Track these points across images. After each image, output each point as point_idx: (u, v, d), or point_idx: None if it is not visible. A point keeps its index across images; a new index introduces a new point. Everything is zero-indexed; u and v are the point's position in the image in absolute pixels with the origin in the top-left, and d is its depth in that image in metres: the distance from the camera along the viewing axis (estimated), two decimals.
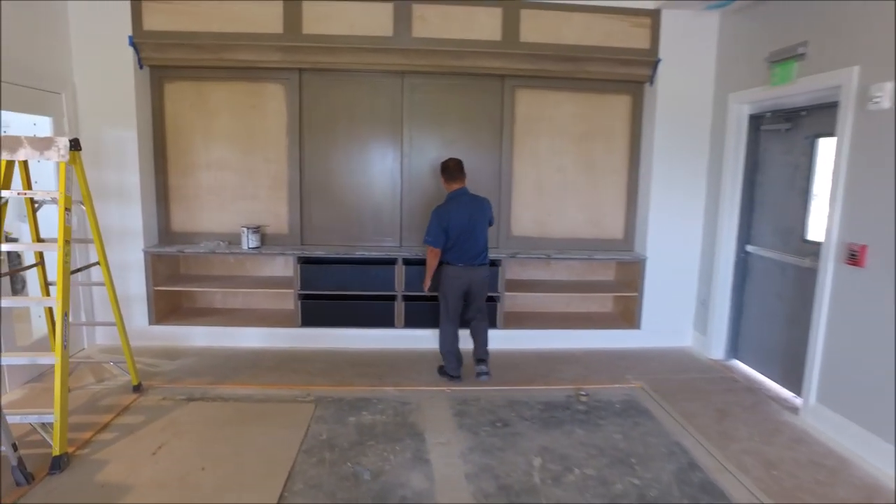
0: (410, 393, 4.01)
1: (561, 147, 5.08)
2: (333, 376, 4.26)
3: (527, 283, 5.27)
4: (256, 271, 5.26)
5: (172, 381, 4.07)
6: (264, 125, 4.87)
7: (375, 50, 4.56)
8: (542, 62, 4.70)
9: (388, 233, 5.09)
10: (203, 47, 4.50)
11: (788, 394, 4.06)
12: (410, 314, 4.87)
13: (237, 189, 4.96)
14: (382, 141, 4.96)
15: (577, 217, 5.20)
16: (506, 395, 4.03)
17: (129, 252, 4.66)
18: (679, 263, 5.05)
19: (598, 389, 4.17)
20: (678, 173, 4.91)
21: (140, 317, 4.75)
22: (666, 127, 4.84)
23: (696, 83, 4.78)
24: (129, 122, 4.52)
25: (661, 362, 4.77)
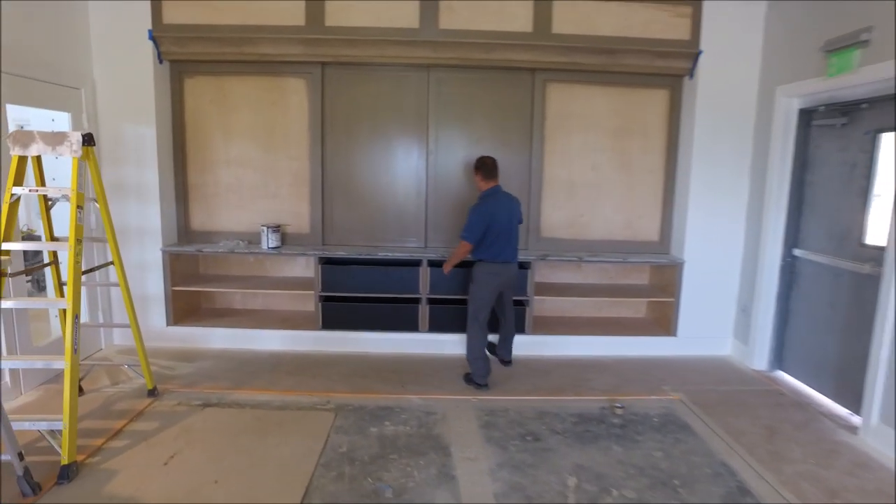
0: (435, 402, 3.81)
1: (594, 144, 4.83)
2: (354, 382, 4.08)
3: (556, 287, 5.03)
4: (276, 272, 5.11)
5: (189, 384, 3.93)
6: (286, 121, 4.72)
7: (401, 42, 4.37)
8: (575, 55, 4.46)
9: (412, 233, 4.90)
10: (223, 41, 4.36)
11: (843, 411, 3.76)
12: (435, 318, 4.68)
13: (257, 187, 4.82)
14: (407, 138, 4.78)
15: (611, 218, 4.95)
16: (535, 405, 3.81)
17: (148, 251, 4.55)
18: (718, 268, 4.77)
19: (633, 401, 3.92)
20: (719, 172, 4.63)
21: (158, 317, 4.64)
22: (706, 123, 4.56)
23: (740, 76, 4.50)
24: (148, 118, 4.40)
25: (699, 372, 4.49)
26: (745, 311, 4.69)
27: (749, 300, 4.63)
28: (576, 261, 4.71)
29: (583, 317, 5.29)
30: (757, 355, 4.54)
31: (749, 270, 4.64)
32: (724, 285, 4.81)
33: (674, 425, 3.57)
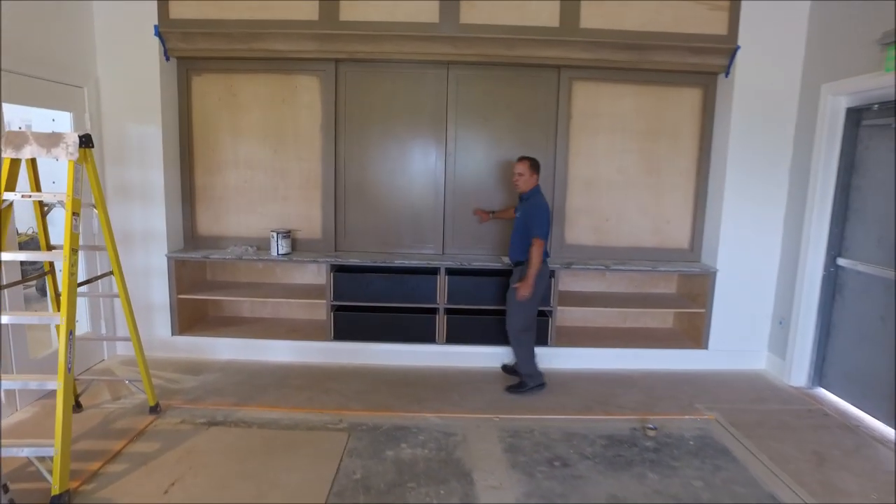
0: (454, 421, 3.57)
1: (621, 146, 4.57)
2: (368, 398, 3.85)
3: (580, 296, 4.77)
4: (287, 279, 4.90)
5: (193, 400, 3.72)
6: (297, 121, 4.50)
7: (419, 38, 4.13)
8: (603, 51, 4.20)
9: (429, 239, 4.66)
10: (232, 36, 4.15)
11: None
12: (453, 329, 4.44)
13: (267, 190, 4.60)
14: (424, 138, 4.54)
15: (638, 223, 4.68)
16: (561, 425, 3.56)
17: (152, 257, 4.35)
18: (753, 277, 4.49)
19: (665, 420, 3.66)
20: (755, 176, 4.35)
21: (163, 327, 4.44)
22: (743, 123, 4.28)
23: (781, 73, 4.21)
24: (153, 117, 4.20)
25: (732, 389, 4.22)
26: (783, 323, 4.41)
27: (787, 312, 4.34)
28: (602, 269, 4.44)
29: (607, 327, 5.02)
30: (795, 371, 4.26)
31: (787, 280, 4.36)
32: (759, 296, 4.53)
33: (711, 449, 3.31)
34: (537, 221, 3.72)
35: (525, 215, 3.83)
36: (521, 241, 3.87)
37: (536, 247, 3.69)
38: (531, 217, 3.77)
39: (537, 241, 3.69)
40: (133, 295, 4.30)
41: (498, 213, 4.47)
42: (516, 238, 3.93)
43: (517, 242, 3.92)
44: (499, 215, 4.46)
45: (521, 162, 3.84)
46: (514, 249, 3.95)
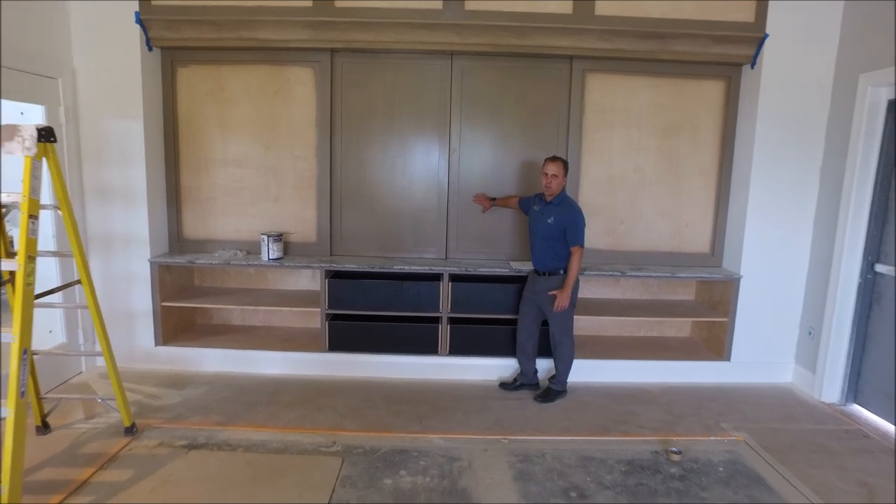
0: (459, 443, 3.26)
1: (637, 142, 4.25)
2: (365, 417, 3.54)
3: (593, 304, 4.45)
4: (279, 284, 4.59)
5: (174, 418, 3.41)
6: (290, 115, 4.19)
7: (421, 26, 3.82)
8: (619, 40, 3.88)
9: (431, 243, 4.35)
10: (220, 24, 3.84)
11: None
12: (457, 340, 4.12)
13: (258, 189, 4.29)
14: (427, 134, 4.22)
15: (656, 226, 4.37)
16: (576, 448, 3.24)
17: (134, 262, 4.05)
18: (779, 284, 4.18)
19: (689, 442, 3.35)
20: (783, 174, 4.04)
21: (145, 336, 4.13)
22: (770, 118, 3.96)
23: (813, 63, 3.89)
24: (135, 111, 3.89)
25: (759, 405, 3.90)
26: (812, 333, 4.09)
27: (817, 322, 4.03)
28: (618, 276, 4.12)
29: (621, 336, 4.71)
30: (827, 385, 3.95)
31: (817, 288, 4.04)
32: (786, 304, 4.21)
33: (743, 477, 2.99)
34: (579, 229, 3.59)
35: (560, 222, 3.59)
36: (552, 249, 3.64)
37: (578, 256, 3.58)
38: (570, 224, 3.57)
39: (578, 249, 3.59)
40: (114, 302, 4.07)
41: (500, 200, 4.19)
42: (545, 245, 3.67)
43: (548, 250, 3.66)
44: (501, 203, 4.18)
45: (555, 162, 3.60)
46: (545, 257, 3.69)
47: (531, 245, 3.79)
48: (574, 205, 3.65)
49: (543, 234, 3.66)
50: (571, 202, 3.67)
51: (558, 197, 3.63)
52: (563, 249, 3.62)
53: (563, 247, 3.62)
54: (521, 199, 3.98)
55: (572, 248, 3.58)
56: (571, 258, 3.59)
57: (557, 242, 3.62)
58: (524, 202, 3.93)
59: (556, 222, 3.60)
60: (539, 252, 3.72)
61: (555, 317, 3.71)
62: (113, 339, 4.01)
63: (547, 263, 3.70)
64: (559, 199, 3.63)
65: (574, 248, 3.57)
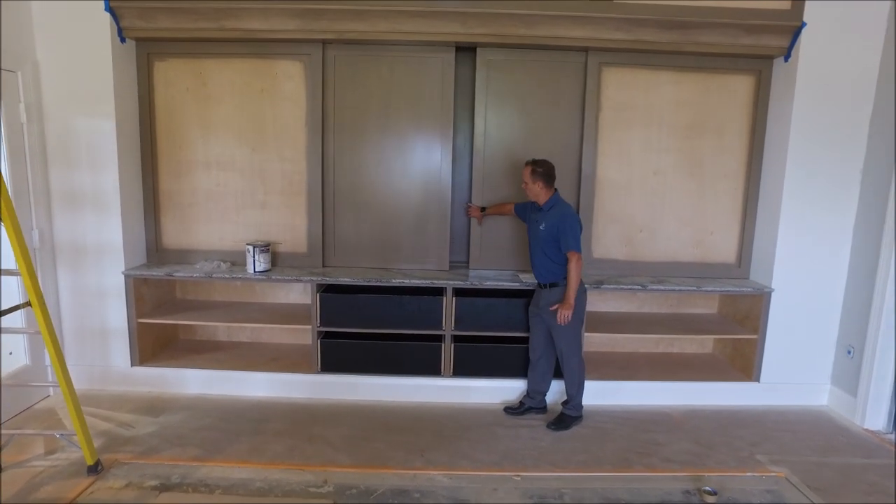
0: (465, 480, 2.90)
1: (658, 143, 3.89)
2: (361, 449, 3.17)
3: (608, 319, 4.09)
4: (268, 297, 4.22)
5: (146, 452, 3.04)
6: (278, 114, 3.83)
7: (421, 14, 3.46)
8: (640, 30, 3.52)
9: (433, 253, 3.98)
10: (199, 13, 3.48)
11: None
12: (461, 359, 3.76)
13: (244, 195, 3.93)
14: (427, 134, 3.86)
15: (677, 235, 4.01)
16: (598, 486, 2.88)
17: (107, 274, 3.69)
18: (814, 298, 3.82)
19: (724, 479, 2.98)
20: (819, 179, 3.68)
21: (120, 356, 3.77)
22: (805, 116, 3.61)
23: (854, 55, 3.54)
24: (106, 109, 3.53)
25: (796, 432, 3.54)
26: (852, 353, 3.72)
27: (858, 340, 3.67)
28: (639, 289, 3.75)
29: (638, 352, 4.35)
30: (870, 410, 3.59)
31: (858, 303, 3.68)
32: (822, 320, 3.85)
33: None
34: (570, 233, 3.25)
35: (551, 228, 3.26)
36: (548, 260, 3.32)
37: (574, 262, 3.22)
38: (560, 229, 3.23)
39: (574, 255, 3.22)
40: (85, 320, 3.72)
41: (492, 208, 3.86)
42: (541, 255, 3.35)
43: (543, 261, 3.34)
44: (493, 211, 3.85)
45: (525, 168, 3.32)
46: (543, 268, 3.37)
47: (530, 256, 3.46)
48: (566, 208, 3.32)
49: (538, 243, 3.35)
50: (564, 205, 3.33)
51: (550, 201, 3.31)
52: (560, 258, 3.29)
53: (559, 255, 3.29)
54: (517, 205, 3.64)
55: (567, 253, 3.23)
56: (568, 266, 3.24)
57: (552, 250, 3.29)
58: (520, 209, 3.60)
59: (548, 229, 3.28)
60: (537, 263, 3.40)
61: (559, 333, 3.36)
62: (85, 359, 3.74)
63: (546, 275, 3.38)
64: (550, 204, 3.31)
65: (569, 255, 3.23)
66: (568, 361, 3.44)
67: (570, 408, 3.48)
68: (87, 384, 3.70)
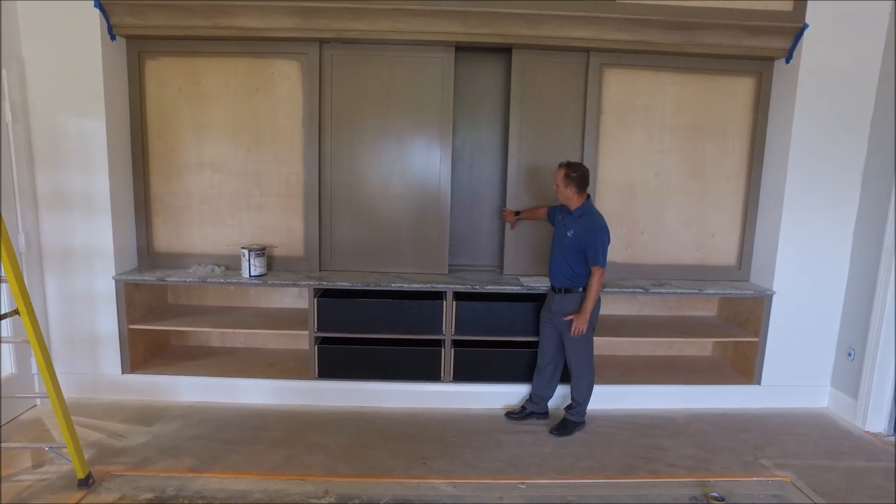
0: (469, 489, 2.84)
1: (660, 145, 3.86)
2: (361, 458, 3.10)
3: (609, 322, 4.04)
4: (263, 302, 4.13)
5: (139, 464, 2.94)
6: (274, 114, 3.74)
7: (421, 13, 3.39)
8: (644, 31, 3.49)
9: (433, 256, 3.91)
10: (193, 10, 3.39)
11: None
12: (462, 365, 3.70)
13: (238, 198, 3.83)
14: (427, 136, 3.79)
15: (678, 237, 3.98)
16: (603, 493, 2.84)
17: (97, 279, 3.57)
18: (815, 300, 3.81)
19: (730, 484, 2.96)
20: (822, 180, 3.67)
21: (111, 363, 3.66)
22: (807, 117, 3.59)
23: (855, 57, 3.53)
24: (96, 108, 3.43)
25: (799, 436, 3.52)
26: (853, 355, 3.72)
27: (859, 342, 3.66)
28: (640, 292, 3.72)
29: (639, 356, 4.31)
30: (872, 412, 3.58)
31: (859, 305, 3.67)
32: (822, 322, 3.84)
33: None
34: (599, 247, 3.18)
35: (579, 237, 3.20)
36: (569, 265, 3.25)
37: (598, 277, 3.19)
38: (590, 241, 3.16)
39: (598, 270, 3.18)
40: (74, 326, 3.61)
41: (525, 213, 3.78)
42: (562, 260, 3.28)
43: (564, 265, 3.27)
44: (526, 216, 3.77)
45: (559, 170, 3.23)
46: (560, 273, 3.30)
47: (550, 257, 3.38)
48: (597, 219, 3.23)
49: (562, 247, 3.27)
50: (595, 215, 3.24)
51: (581, 208, 3.23)
52: (580, 267, 3.23)
53: (580, 264, 3.22)
54: (550, 208, 3.56)
55: (592, 267, 3.18)
56: (591, 279, 3.19)
57: (575, 259, 3.22)
58: (552, 212, 3.52)
59: (576, 237, 3.20)
60: (555, 266, 3.33)
61: (571, 342, 3.30)
62: (74, 367, 3.62)
63: (562, 280, 3.30)
64: (581, 211, 3.23)
65: (594, 269, 3.17)
66: (578, 370, 3.38)
67: (574, 413, 3.43)
68: (76, 393, 3.59)
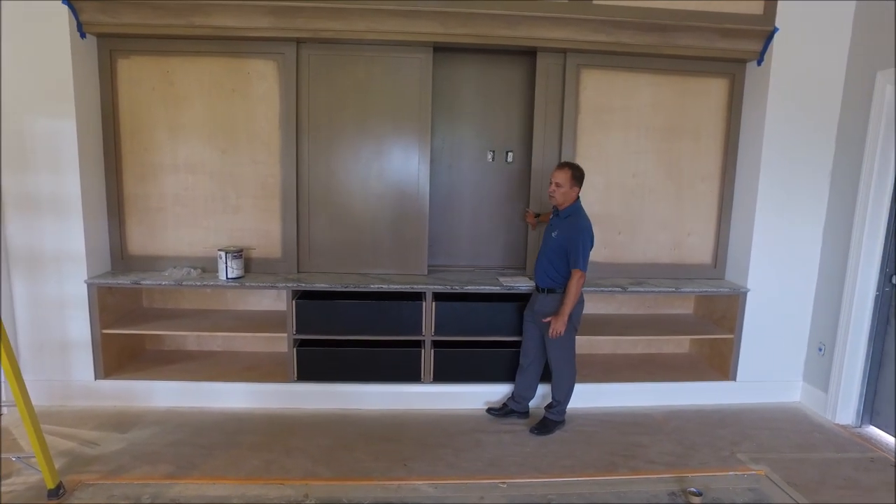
0: (450, 489, 2.84)
1: (637, 145, 3.91)
2: (341, 460, 3.08)
3: (588, 322, 4.05)
4: (240, 305, 4.08)
5: (114, 471, 2.88)
6: (251, 115, 3.70)
7: (400, 13, 3.39)
8: (620, 32, 3.53)
9: (412, 257, 3.90)
10: (167, 9, 3.33)
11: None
12: (442, 365, 3.70)
13: (215, 199, 3.78)
14: (406, 137, 3.78)
15: (656, 237, 4.03)
16: (583, 491, 2.86)
17: (68, 283, 3.49)
18: (787, 297, 3.90)
19: (707, 479, 3.01)
20: (793, 180, 3.76)
21: (83, 369, 3.58)
22: (778, 119, 3.67)
23: (823, 60, 3.62)
24: (66, 108, 3.35)
25: (773, 430, 3.60)
26: (823, 350, 3.81)
27: (828, 337, 3.76)
28: (618, 291, 3.76)
29: (617, 354, 4.37)
30: (841, 406, 3.68)
31: (829, 301, 3.77)
32: (794, 319, 3.94)
33: None
34: (581, 250, 3.17)
35: (563, 238, 3.21)
36: (553, 266, 3.26)
37: (576, 280, 3.18)
38: (572, 243, 3.17)
39: (577, 273, 3.18)
40: (44, 332, 3.53)
41: (544, 216, 3.76)
42: (546, 260, 3.30)
43: (548, 266, 3.29)
44: (543, 218, 3.77)
45: (561, 170, 3.23)
46: (544, 273, 3.32)
47: (538, 256, 3.41)
48: (582, 221, 3.23)
49: (547, 247, 3.30)
50: (580, 217, 3.25)
51: (569, 209, 3.25)
52: (564, 269, 3.24)
53: (564, 266, 3.24)
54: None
55: (572, 270, 3.19)
56: (570, 281, 3.20)
57: (558, 259, 3.24)
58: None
59: (560, 238, 3.22)
60: (540, 266, 3.35)
61: (552, 342, 3.32)
62: (44, 373, 3.54)
63: (546, 280, 3.32)
64: (569, 212, 3.24)
65: (574, 271, 3.17)
66: (560, 369, 3.40)
67: (555, 413, 3.46)
68: (46, 400, 3.51)
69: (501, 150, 4.01)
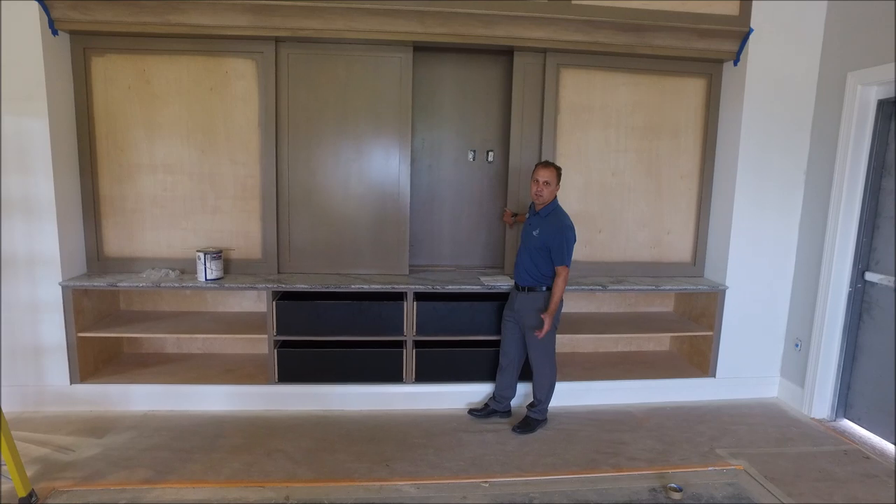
0: (432, 490, 2.83)
1: (616, 144, 3.94)
2: (323, 462, 3.06)
3: (568, 320, 4.10)
4: (220, 306, 4.03)
5: (89, 477, 2.83)
6: (229, 115, 3.66)
7: (378, 12, 3.38)
8: (598, 32, 3.55)
9: (393, 257, 3.89)
10: (142, 6, 3.29)
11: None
12: (424, 365, 3.69)
13: (193, 200, 3.73)
14: (385, 137, 3.76)
15: (635, 235, 4.06)
16: (566, 488, 2.87)
17: (42, 286, 3.42)
18: (764, 294, 3.96)
19: (687, 475, 3.04)
20: (769, 178, 3.82)
21: (57, 373, 3.51)
22: (755, 118, 3.73)
23: (798, 61, 3.69)
24: (37, 107, 3.28)
25: (751, 425, 3.65)
26: (799, 346, 3.88)
27: (804, 333, 3.82)
28: (599, 289, 3.78)
29: (598, 352, 4.40)
30: (817, 400, 3.74)
31: (804, 298, 3.83)
32: (771, 315, 4.00)
33: None
34: (565, 248, 3.20)
35: (545, 237, 3.21)
36: (534, 265, 3.27)
37: (563, 277, 3.20)
38: (556, 241, 3.18)
39: (563, 270, 3.20)
40: (16, 336, 3.46)
41: (520, 216, 3.80)
42: (528, 259, 3.30)
43: (529, 265, 3.29)
44: (520, 218, 3.80)
45: (547, 168, 3.22)
46: (525, 272, 3.32)
47: (517, 255, 3.41)
48: (563, 219, 3.24)
49: (527, 246, 3.30)
50: (561, 215, 3.26)
51: (548, 207, 3.26)
52: (546, 267, 3.26)
53: (546, 264, 3.25)
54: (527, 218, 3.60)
55: (557, 268, 3.21)
56: (556, 279, 3.22)
57: (540, 259, 3.25)
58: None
59: (541, 237, 3.23)
60: (521, 265, 3.35)
61: (533, 340, 3.33)
62: (16, 378, 3.47)
63: (527, 279, 3.32)
64: (548, 210, 3.26)
65: (558, 269, 3.20)
66: (540, 369, 3.41)
67: (536, 412, 3.47)
68: (18, 406, 3.45)
69: (482, 150, 4.03)
